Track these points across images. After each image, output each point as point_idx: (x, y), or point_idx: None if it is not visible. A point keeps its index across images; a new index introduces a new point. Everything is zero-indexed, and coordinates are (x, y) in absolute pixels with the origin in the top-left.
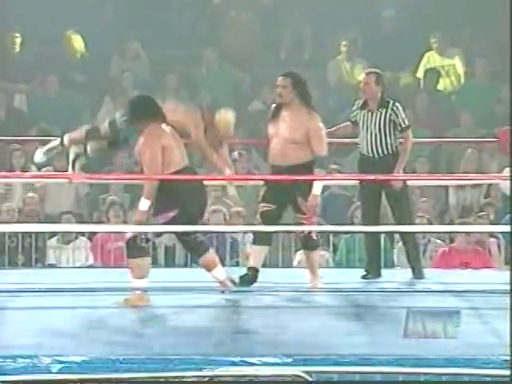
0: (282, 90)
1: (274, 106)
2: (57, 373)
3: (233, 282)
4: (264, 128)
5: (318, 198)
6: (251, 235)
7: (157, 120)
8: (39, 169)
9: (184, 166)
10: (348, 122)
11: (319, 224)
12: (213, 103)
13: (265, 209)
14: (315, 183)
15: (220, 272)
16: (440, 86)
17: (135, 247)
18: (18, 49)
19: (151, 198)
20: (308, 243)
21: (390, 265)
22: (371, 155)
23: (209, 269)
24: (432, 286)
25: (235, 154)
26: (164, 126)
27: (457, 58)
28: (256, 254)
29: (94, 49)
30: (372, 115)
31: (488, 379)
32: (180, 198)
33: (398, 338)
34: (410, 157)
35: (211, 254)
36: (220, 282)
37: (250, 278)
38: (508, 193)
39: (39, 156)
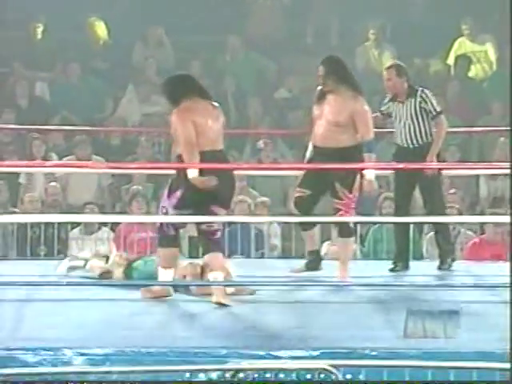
0: (323, 79)
1: (319, 88)
2: (79, 365)
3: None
4: (290, 116)
5: (373, 182)
6: (277, 226)
7: (190, 97)
8: (61, 158)
9: (212, 148)
10: (377, 114)
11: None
12: (238, 91)
13: (298, 194)
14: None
15: (219, 277)
16: (471, 73)
17: (162, 235)
18: (40, 36)
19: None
20: (344, 230)
21: (419, 257)
22: (406, 145)
23: (209, 269)
24: (462, 278)
25: (260, 142)
26: (200, 102)
27: (488, 45)
28: (308, 239)
29: (117, 35)
30: (403, 106)
31: None
32: (204, 196)
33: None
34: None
35: (219, 257)
36: (214, 292)
37: (314, 261)
38: None
39: (63, 269)
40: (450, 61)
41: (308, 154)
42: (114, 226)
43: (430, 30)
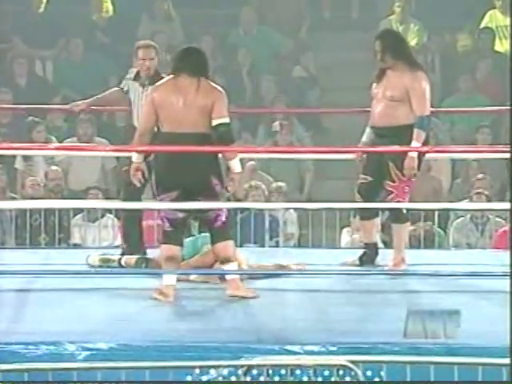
0: (380, 54)
1: (380, 68)
2: (83, 361)
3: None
4: (307, 96)
5: (414, 159)
6: (293, 213)
7: (175, 72)
8: (61, 140)
9: (172, 130)
10: None
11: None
12: (252, 69)
13: (361, 181)
14: (413, 142)
15: (232, 270)
16: (501, 49)
17: (162, 232)
18: (41, 9)
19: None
20: (397, 216)
21: (446, 246)
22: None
23: (221, 262)
24: (492, 268)
25: (276, 124)
26: (182, 78)
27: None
28: (367, 230)
29: (122, 9)
30: None
31: None
32: (179, 175)
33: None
34: (470, 128)
35: (228, 246)
36: (228, 281)
37: (370, 255)
38: None
39: (93, 260)
40: (476, 35)
41: (364, 138)
42: (118, 213)
43: (459, 1)
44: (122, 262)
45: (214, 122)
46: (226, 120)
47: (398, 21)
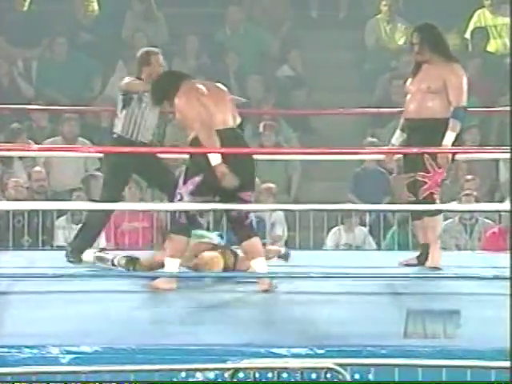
0: (417, 47)
1: (416, 62)
2: (67, 364)
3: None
4: (294, 96)
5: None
6: (280, 214)
7: (184, 80)
8: (44, 140)
9: (225, 126)
10: None
11: (352, 202)
12: (239, 68)
13: (409, 180)
14: (448, 132)
15: (261, 265)
16: (491, 48)
17: (175, 222)
18: (25, 7)
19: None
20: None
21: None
22: None
23: (250, 257)
24: (479, 270)
25: (261, 125)
26: (196, 82)
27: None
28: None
29: (106, 7)
30: None
31: None
32: (208, 161)
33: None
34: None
35: (256, 242)
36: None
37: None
38: None
39: (88, 257)
40: (469, 35)
41: (397, 133)
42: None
43: (448, 0)
44: (115, 261)
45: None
46: None
47: (384, 20)
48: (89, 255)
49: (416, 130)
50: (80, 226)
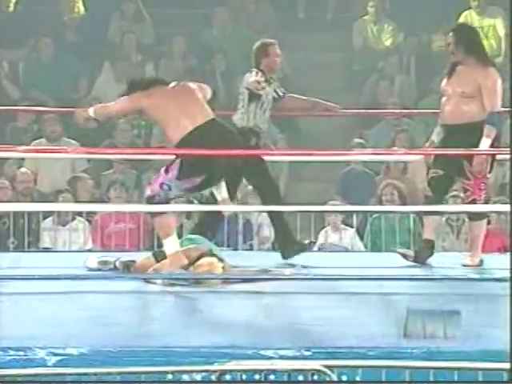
0: (453, 47)
1: (451, 63)
2: (52, 366)
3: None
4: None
5: (483, 157)
6: (267, 216)
7: (156, 84)
8: (30, 142)
9: (208, 118)
10: None
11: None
12: (226, 70)
13: (432, 175)
14: (483, 139)
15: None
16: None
17: (155, 205)
18: (10, 8)
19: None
20: (475, 213)
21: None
22: None
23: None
24: (466, 271)
25: None
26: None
27: (499, 19)
28: (429, 226)
29: (92, 8)
30: None
31: None
32: (208, 160)
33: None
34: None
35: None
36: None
37: (425, 252)
38: None
39: (92, 263)
40: None
41: (433, 136)
42: (90, 217)
43: (435, 1)
44: (117, 264)
45: None
46: None
47: (372, 21)
48: (92, 261)
49: (451, 135)
50: (194, 226)
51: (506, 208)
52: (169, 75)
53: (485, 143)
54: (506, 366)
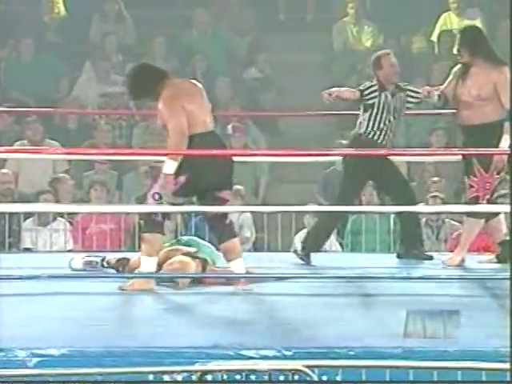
0: (461, 48)
1: (459, 65)
2: (33, 367)
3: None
4: (262, 97)
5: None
6: (248, 216)
7: (166, 79)
8: (12, 143)
9: (204, 130)
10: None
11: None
12: (207, 71)
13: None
14: (503, 137)
15: (240, 265)
16: (456, 51)
17: (148, 220)
18: None
19: (177, 158)
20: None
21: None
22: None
23: (229, 258)
24: (446, 271)
25: (229, 127)
26: (181, 83)
27: (477, 20)
28: (493, 230)
29: (73, 9)
30: None
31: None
32: (191, 162)
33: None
34: (424, 130)
35: (235, 243)
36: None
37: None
38: None
39: (77, 263)
40: (435, 37)
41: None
42: (71, 217)
43: (415, 3)
44: (105, 263)
45: None
46: None
47: (352, 23)
48: (77, 261)
49: (469, 136)
50: (312, 227)
51: (506, 208)
52: None
53: (506, 139)
54: (483, 365)
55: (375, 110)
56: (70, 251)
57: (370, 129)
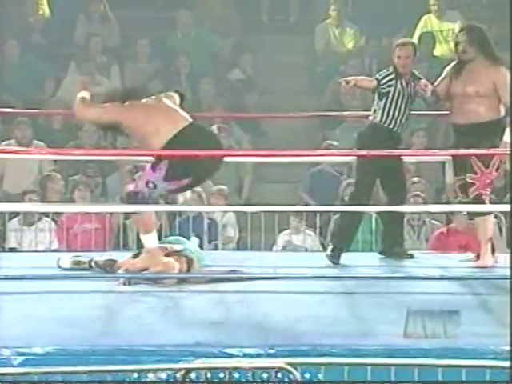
0: (464, 46)
1: (455, 62)
2: (18, 366)
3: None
4: (245, 99)
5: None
6: (232, 216)
7: (132, 98)
8: None
9: (188, 123)
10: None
11: (308, 204)
12: (190, 72)
13: (460, 182)
14: (507, 131)
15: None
16: (437, 52)
17: (134, 202)
18: None
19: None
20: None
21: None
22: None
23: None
24: (427, 270)
25: (213, 128)
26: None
27: (457, 23)
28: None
29: (58, 10)
30: None
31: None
32: (195, 163)
33: (390, 326)
34: (405, 131)
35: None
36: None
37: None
38: None
39: (65, 263)
40: (416, 39)
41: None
42: (56, 217)
43: (396, 5)
44: (92, 264)
45: None
46: None
47: (334, 24)
48: (65, 261)
49: (465, 135)
50: (337, 227)
51: (506, 208)
52: (134, 77)
53: (508, 134)
54: (464, 362)
55: (390, 99)
56: (54, 251)
57: (385, 117)
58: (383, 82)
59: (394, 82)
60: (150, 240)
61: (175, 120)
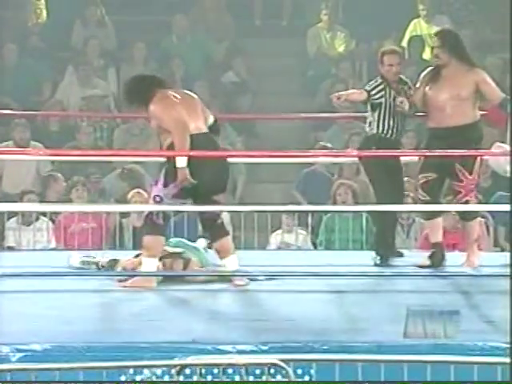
0: (437, 51)
1: (430, 68)
2: (17, 362)
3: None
4: (239, 101)
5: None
6: (225, 215)
7: (159, 88)
8: None
9: (199, 131)
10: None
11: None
12: (185, 75)
13: (424, 180)
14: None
15: (234, 262)
16: (426, 56)
17: (150, 223)
18: None
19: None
20: (466, 214)
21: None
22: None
23: (222, 256)
24: (416, 268)
25: None
26: (170, 91)
27: (445, 27)
28: (434, 229)
29: (55, 14)
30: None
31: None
32: (193, 167)
33: (380, 323)
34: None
35: (228, 241)
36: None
37: (439, 254)
38: (498, 170)
39: (75, 261)
40: (405, 43)
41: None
42: (53, 216)
43: (386, 10)
44: (99, 266)
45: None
46: None
47: (325, 28)
48: (75, 259)
49: (443, 139)
50: (375, 233)
51: (505, 208)
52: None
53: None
54: (451, 358)
55: (383, 109)
56: (51, 249)
57: (381, 128)
58: (373, 92)
59: (383, 92)
60: (149, 265)
61: (196, 122)
